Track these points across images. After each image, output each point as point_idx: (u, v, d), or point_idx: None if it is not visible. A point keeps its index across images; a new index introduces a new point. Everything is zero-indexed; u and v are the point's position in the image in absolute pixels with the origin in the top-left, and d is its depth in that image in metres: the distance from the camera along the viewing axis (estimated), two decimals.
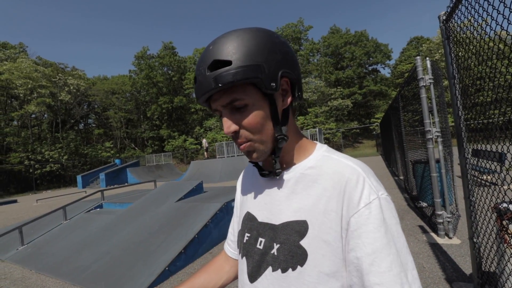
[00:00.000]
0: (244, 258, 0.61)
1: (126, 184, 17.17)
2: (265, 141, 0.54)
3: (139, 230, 4.08)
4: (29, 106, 25.55)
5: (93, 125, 38.70)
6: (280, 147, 0.55)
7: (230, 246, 0.77)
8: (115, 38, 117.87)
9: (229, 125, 0.52)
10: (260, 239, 0.57)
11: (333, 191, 0.50)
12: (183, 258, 3.35)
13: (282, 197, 0.57)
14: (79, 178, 19.74)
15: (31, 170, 23.43)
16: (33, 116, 28.80)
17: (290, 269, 0.51)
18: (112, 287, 2.93)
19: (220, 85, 0.47)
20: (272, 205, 0.58)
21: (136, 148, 37.02)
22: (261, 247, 0.56)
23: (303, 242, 0.50)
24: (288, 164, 0.59)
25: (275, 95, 0.53)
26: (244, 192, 0.70)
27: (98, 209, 6.12)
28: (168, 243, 3.50)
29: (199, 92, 0.51)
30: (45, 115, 30.29)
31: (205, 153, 19.91)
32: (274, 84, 0.50)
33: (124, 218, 4.70)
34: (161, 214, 4.45)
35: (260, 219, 0.60)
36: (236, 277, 0.77)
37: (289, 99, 0.55)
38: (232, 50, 0.48)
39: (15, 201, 14.82)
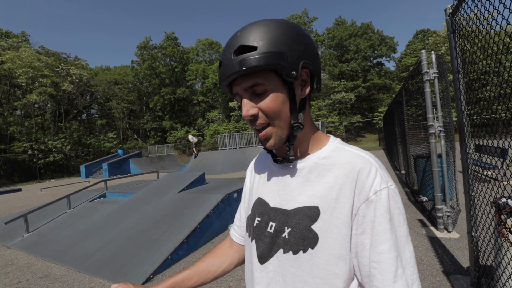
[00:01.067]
0: (254, 241, 0.63)
1: (128, 174, 17.33)
2: (282, 127, 0.56)
3: (142, 220, 4.14)
4: (31, 96, 25.60)
5: (96, 115, 38.80)
6: (295, 135, 0.57)
7: (236, 231, 0.80)
8: (118, 28, 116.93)
9: (248, 108, 0.54)
10: (271, 223, 0.60)
11: (346, 179, 0.53)
12: (185, 248, 3.41)
13: (296, 184, 0.59)
14: (82, 168, 19.91)
15: (34, 160, 23.65)
16: (36, 105, 28.90)
17: (301, 251, 0.54)
18: (115, 274, 3.00)
19: (244, 68, 0.50)
20: (284, 192, 0.61)
21: (139, 139, 37.16)
22: (271, 230, 0.59)
23: (315, 226, 0.53)
24: (302, 153, 0.62)
25: (294, 84, 0.55)
26: (256, 179, 0.72)
27: (101, 198, 6.20)
28: (170, 233, 3.57)
29: (224, 75, 0.53)
30: (48, 105, 30.38)
31: (194, 149, 17.60)
32: (295, 72, 0.52)
33: (127, 208, 4.77)
34: (164, 204, 4.51)
35: (272, 205, 0.62)
36: (239, 262, 0.80)
37: (308, 90, 0.57)
38: (258, 37, 0.51)
39: (19, 190, 15.03)
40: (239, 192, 4.50)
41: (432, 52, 3.59)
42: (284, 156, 0.62)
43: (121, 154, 22.35)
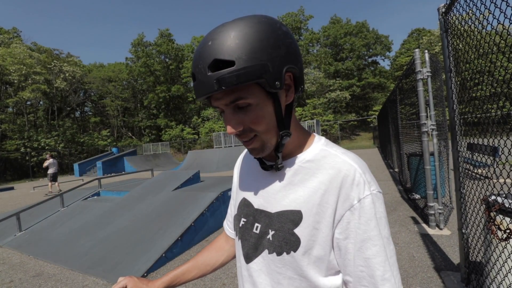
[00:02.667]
0: (240, 241, 0.65)
1: (123, 172, 17.18)
2: (270, 137, 0.54)
3: (136, 218, 4.12)
4: (23, 93, 25.18)
5: (90, 113, 38.35)
6: (283, 143, 0.55)
7: (229, 226, 0.82)
8: (112, 25, 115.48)
9: (233, 125, 0.52)
10: (256, 224, 0.61)
11: (330, 185, 0.53)
12: (180, 245, 3.41)
13: (279, 187, 0.59)
14: (76, 166, 19.71)
15: (27, 158, 23.31)
16: (29, 103, 28.43)
17: (284, 253, 0.55)
18: (109, 272, 2.99)
19: (223, 88, 0.46)
20: (268, 194, 0.60)
21: (133, 137, 36.86)
22: (257, 231, 0.60)
23: (297, 230, 0.54)
24: (286, 156, 0.61)
25: (279, 93, 0.52)
26: (241, 178, 0.73)
27: (95, 196, 6.15)
28: (165, 231, 3.56)
29: (200, 92, 0.49)
30: (41, 102, 29.91)
31: (49, 183, 11.24)
32: (278, 83, 0.49)
33: (122, 206, 4.74)
34: (158, 202, 4.49)
35: (256, 206, 0.62)
36: (235, 256, 0.82)
37: (292, 94, 0.55)
38: (233, 48, 0.45)
39: (12, 188, 14.82)
40: None
41: (426, 51, 3.63)
42: (272, 161, 0.62)
43: (116, 152, 22.20)
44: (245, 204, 0.66)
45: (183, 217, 3.78)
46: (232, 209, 0.80)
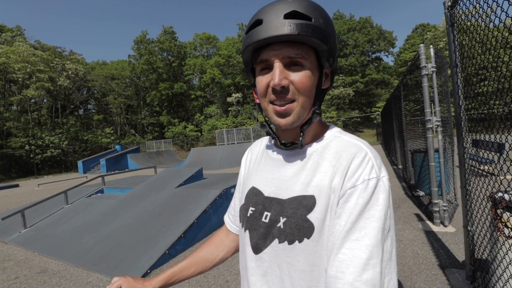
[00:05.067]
0: (247, 231, 0.62)
1: (126, 170, 17.27)
2: (305, 108, 0.55)
3: (139, 215, 4.14)
4: (28, 91, 25.35)
5: (93, 110, 38.52)
6: (313, 121, 0.57)
7: (231, 220, 0.80)
8: (115, 22, 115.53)
9: (281, 78, 0.51)
10: (265, 213, 0.59)
11: (339, 167, 0.52)
12: (183, 242, 3.42)
13: (291, 173, 0.58)
14: (80, 163, 19.84)
15: (31, 155, 23.52)
16: (32, 101, 28.63)
17: (296, 241, 0.53)
18: (113, 269, 3.01)
19: (299, 33, 0.48)
20: (280, 181, 0.59)
21: (136, 134, 37.02)
22: (266, 220, 0.58)
23: (310, 216, 0.52)
24: (304, 142, 0.61)
25: (324, 72, 0.56)
26: (250, 168, 0.72)
27: (99, 194, 6.19)
28: (168, 228, 3.57)
29: (265, 33, 0.49)
30: (44, 100, 30.11)
31: None
32: (332, 59, 0.54)
33: (125, 203, 4.77)
34: (161, 199, 4.50)
35: (266, 194, 0.61)
36: (236, 250, 0.81)
37: (329, 82, 0.59)
38: (313, 9, 0.50)
39: (17, 186, 14.97)
40: None
41: (431, 46, 3.57)
42: (292, 140, 0.60)
43: (119, 150, 22.29)
44: (254, 193, 0.64)
45: (186, 214, 3.79)
46: (236, 202, 0.78)
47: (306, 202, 0.53)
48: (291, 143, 0.59)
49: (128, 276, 0.68)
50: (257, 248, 0.59)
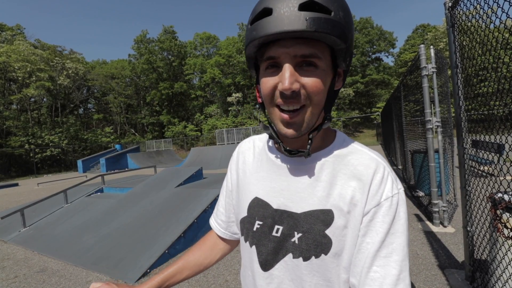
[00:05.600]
0: (253, 247, 0.58)
1: (126, 169, 17.28)
2: (315, 114, 0.49)
3: (139, 214, 4.14)
4: (28, 90, 25.33)
5: (93, 110, 38.50)
6: (322, 128, 0.52)
7: (221, 226, 0.75)
8: (115, 21, 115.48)
9: (292, 81, 0.44)
10: (277, 226, 0.54)
11: (359, 182, 0.51)
12: (183, 242, 3.41)
13: (304, 184, 0.54)
14: (79, 162, 19.83)
15: (31, 154, 23.51)
16: (32, 100, 28.60)
17: (313, 257, 0.51)
18: (113, 268, 3.01)
19: (315, 30, 0.41)
20: (290, 192, 0.55)
21: (136, 133, 37.01)
22: (278, 234, 0.54)
23: (329, 231, 0.50)
24: (312, 150, 0.55)
25: (337, 73, 0.51)
26: (246, 175, 0.65)
27: (98, 193, 6.18)
28: (167, 227, 3.57)
29: (278, 26, 0.42)
30: (44, 99, 30.08)
31: None
32: (349, 59, 0.50)
33: (125, 203, 4.76)
34: (161, 199, 4.50)
35: (275, 206, 0.56)
36: (230, 251, 0.78)
37: (341, 85, 0.54)
38: (333, 1, 0.43)
39: (16, 185, 14.95)
40: None
41: (431, 46, 3.57)
42: (298, 147, 0.55)
43: (119, 149, 22.27)
44: (259, 205, 0.58)
45: (186, 213, 3.79)
46: (227, 207, 0.73)
47: (324, 217, 0.50)
48: (297, 151, 0.52)
49: (110, 282, 0.58)
50: (266, 265, 0.55)
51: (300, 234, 0.51)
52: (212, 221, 0.79)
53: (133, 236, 3.57)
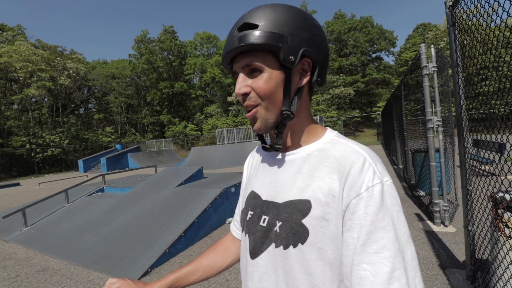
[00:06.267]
0: (246, 235, 0.62)
1: (127, 169, 17.29)
2: (271, 111, 0.55)
3: (140, 214, 4.15)
4: (29, 90, 25.37)
5: (94, 110, 38.54)
6: (284, 124, 0.55)
7: (236, 227, 0.79)
8: (115, 21, 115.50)
9: (240, 87, 0.54)
10: (264, 216, 0.58)
11: (338, 174, 0.50)
12: (183, 241, 3.42)
13: (288, 176, 0.57)
14: (80, 162, 19.88)
15: (32, 154, 23.56)
16: (33, 100, 28.66)
17: (291, 246, 0.52)
18: (113, 268, 3.01)
19: (242, 44, 0.50)
20: (276, 184, 0.59)
21: (137, 133, 37.04)
22: (264, 224, 0.57)
23: (305, 221, 0.51)
24: (295, 145, 0.60)
25: (293, 71, 0.54)
26: (251, 172, 0.71)
27: (99, 193, 6.19)
28: (168, 227, 3.57)
29: (224, 51, 0.54)
30: (45, 99, 30.13)
31: None
32: (292, 57, 0.51)
33: (126, 202, 4.77)
34: (162, 198, 4.51)
35: (264, 198, 0.60)
36: None
37: (306, 79, 0.56)
38: (262, 16, 0.51)
39: (17, 184, 15.00)
40: (237, 186, 4.50)
41: (432, 45, 3.56)
42: (283, 143, 0.61)
43: (119, 149, 22.31)
44: (252, 197, 0.64)
45: (187, 213, 3.79)
46: (240, 207, 0.77)
47: (302, 207, 0.52)
48: (270, 146, 0.60)
49: (127, 279, 0.64)
50: (254, 253, 0.58)
51: (280, 223, 0.54)
52: (231, 223, 0.82)
53: (134, 235, 3.58)
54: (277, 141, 0.57)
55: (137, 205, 4.51)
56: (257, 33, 0.50)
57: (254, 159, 0.74)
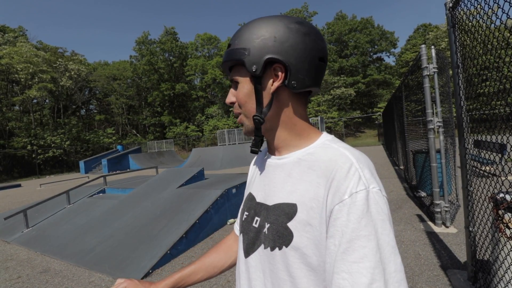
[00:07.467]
0: (241, 234, 0.65)
1: (128, 170, 17.31)
2: (248, 117, 0.60)
3: (141, 215, 4.16)
4: (30, 91, 25.45)
5: (95, 111, 38.63)
6: (258, 128, 0.59)
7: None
8: (116, 23, 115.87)
9: (229, 97, 0.63)
10: (256, 218, 0.60)
11: (324, 178, 0.50)
12: (184, 242, 3.43)
13: (279, 179, 0.59)
14: (81, 163, 19.90)
15: (34, 155, 23.62)
16: (35, 101, 28.73)
17: (277, 248, 0.53)
18: (115, 269, 3.02)
19: (223, 61, 0.60)
20: (269, 187, 0.61)
21: (138, 134, 37.10)
22: (256, 225, 0.60)
23: (290, 224, 0.51)
24: (288, 149, 0.60)
25: (263, 78, 0.57)
26: (252, 174, 0.74)
27: (101, 194, 6.21)
28: (169, 228, 3.58)
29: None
30: (47, 101, 30.21)
31: None
32: (255, 66, 0.55)
33: (127, 203, 4.78)
34: (163, 199, 4.51)
35: (258, 200, 0.63)
36: None
37: (277, 84, 0.56)
38: (235, 36, 0.59)
39: (19, 185, 15.03)
40: (238, 187, 4.50)
41: (432, 46, 3.57)
42: (271, 147, 0.65)
43: (120, 150, 22.36)
44: (249, 198, 0.67)
45: (188, 214, 3.80)
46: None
47: (288, 210, 0.53)
48: (253, 149, 0.63)
49: (133, 279, 0.68)
50: (246, 252, 0.61)
51: (268, 225, 0.56)
52: (235, 223, 0.84)
53: (135, 236, 3.58)
54: (254, 144, 0.62)
55: (138, 206, 4.51)
56: (228, 51, 0.58)
57: (256, 161, 0.76)
